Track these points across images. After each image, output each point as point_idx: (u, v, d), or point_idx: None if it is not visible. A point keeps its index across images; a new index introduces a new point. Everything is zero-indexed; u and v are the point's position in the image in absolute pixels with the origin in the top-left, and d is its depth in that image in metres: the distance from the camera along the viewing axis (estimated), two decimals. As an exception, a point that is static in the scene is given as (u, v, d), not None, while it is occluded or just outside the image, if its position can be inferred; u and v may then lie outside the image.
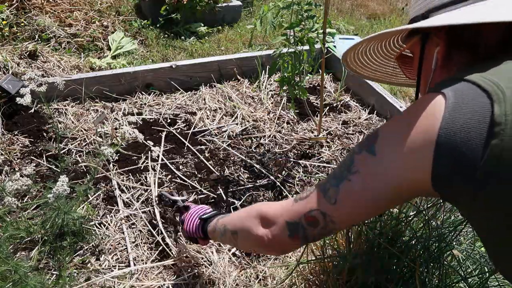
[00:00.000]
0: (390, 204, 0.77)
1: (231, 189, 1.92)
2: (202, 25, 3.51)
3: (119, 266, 1.56)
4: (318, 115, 2.28)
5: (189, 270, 1.55)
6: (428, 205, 1.14)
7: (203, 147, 2.17)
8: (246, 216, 0.95)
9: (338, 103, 2.62)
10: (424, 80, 0.82)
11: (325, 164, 2.11)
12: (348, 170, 0.74)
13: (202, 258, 1.59)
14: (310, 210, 0.80)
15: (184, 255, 1.59)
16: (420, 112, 0.65)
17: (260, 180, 1.98)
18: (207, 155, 2.12)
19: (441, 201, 1.14)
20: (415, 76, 0.85)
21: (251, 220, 0.92)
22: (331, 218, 0.78)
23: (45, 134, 2.13)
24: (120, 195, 1.83)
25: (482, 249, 1.20)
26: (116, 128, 1.50)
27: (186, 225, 1.32)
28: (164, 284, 1.49)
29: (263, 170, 2.03)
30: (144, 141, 1.62)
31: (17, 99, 1.49)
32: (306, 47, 1.92)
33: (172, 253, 1.60)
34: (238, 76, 2.79)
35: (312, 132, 2.34)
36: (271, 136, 2.29)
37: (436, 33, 0.76)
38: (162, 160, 2.04)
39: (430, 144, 0.62)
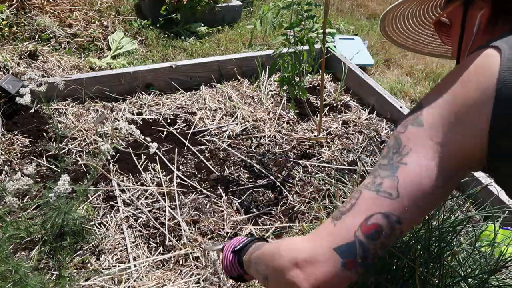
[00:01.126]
0: (454, 177, 0.64)
1: (231, 189, 1.92)
2: (202, 25, 3.51)
3: (119, 266, 1.56)
4: (318, 115, 2.28)
5: (190, 271, 1.55)
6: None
7: (203, 147, 2.17)
8: (274, 256, 0.69)
9: (338, 103, 2.62)
10: (465, 44, 0.78)
11: (325, 164, 2.11)
12: (399, 154, 0.63)
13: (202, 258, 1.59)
14: (367, 218, 0.60)
15: (187, 251, 1.59)
16: (470, 69, 0.61)
17: (260, 180, 1.98)
18: (207, 155, 2.12)
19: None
20: (452, 42, 0.82)
21: (281, 262, 0.66)
22: (397, 217, 0.60)
23: (45, 134, 2.13)
24: (120, 195, 1.83)
25: (482, 249, 1.20)
26: (116, 128, 1.50)
27: (223, 264, 1.02)
28: (164, 285, 1.49)
29: (263, 170, 2.03)
30: (140, 137, 1.62)
31: (17, 98, 1.49)
32: (306, 47, 1.92)
33: (173, 250, 1.60)
34: (238, 76, 2.79)
35: (312, 132, 2.34)
36: (271, 136, 2.29)
37: None
38: (160, 158, 2.04)
39: (488, 99, 0.58)
